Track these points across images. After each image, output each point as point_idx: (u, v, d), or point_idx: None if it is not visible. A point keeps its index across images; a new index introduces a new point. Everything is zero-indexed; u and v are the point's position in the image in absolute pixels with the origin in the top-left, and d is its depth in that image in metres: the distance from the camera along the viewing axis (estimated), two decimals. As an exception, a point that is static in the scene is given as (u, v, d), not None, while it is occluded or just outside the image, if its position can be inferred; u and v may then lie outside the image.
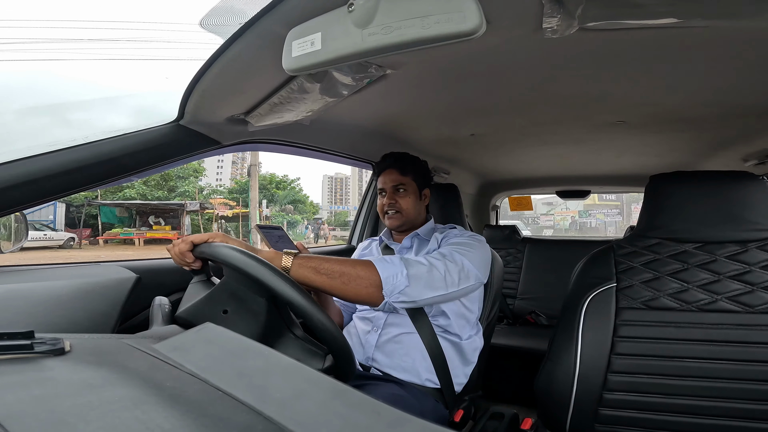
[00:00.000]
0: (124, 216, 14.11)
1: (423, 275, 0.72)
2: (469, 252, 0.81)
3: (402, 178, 0.94)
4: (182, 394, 0.24)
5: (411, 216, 0.94)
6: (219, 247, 0.57)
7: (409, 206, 0.93)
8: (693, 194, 0.75)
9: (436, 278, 0.73)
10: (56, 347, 0.28)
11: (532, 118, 1.08)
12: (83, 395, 0.22)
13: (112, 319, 0.58)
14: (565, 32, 0.50)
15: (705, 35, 0.57)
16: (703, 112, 0.99)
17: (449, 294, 0.75)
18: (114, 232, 13.22)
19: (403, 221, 0.94)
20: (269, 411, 0.23)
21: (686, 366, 0.68)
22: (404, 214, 0.93)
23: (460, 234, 0.89)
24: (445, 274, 0.74)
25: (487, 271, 0.85)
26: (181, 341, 0.34)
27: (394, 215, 0.93)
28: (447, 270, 0.75)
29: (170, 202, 14.98)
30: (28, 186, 0.63)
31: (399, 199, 0.93)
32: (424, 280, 0.72)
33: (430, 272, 0.73)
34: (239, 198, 19.33)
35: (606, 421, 0.71)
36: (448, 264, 0.76)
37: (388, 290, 0.69)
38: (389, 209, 0.93)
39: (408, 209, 0.93)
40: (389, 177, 0.94)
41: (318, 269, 0.66)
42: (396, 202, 0.93)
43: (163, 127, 0.79)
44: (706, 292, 0.71)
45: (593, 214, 28.79)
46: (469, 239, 0.86)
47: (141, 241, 12.81)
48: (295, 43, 0.52)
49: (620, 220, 27.29)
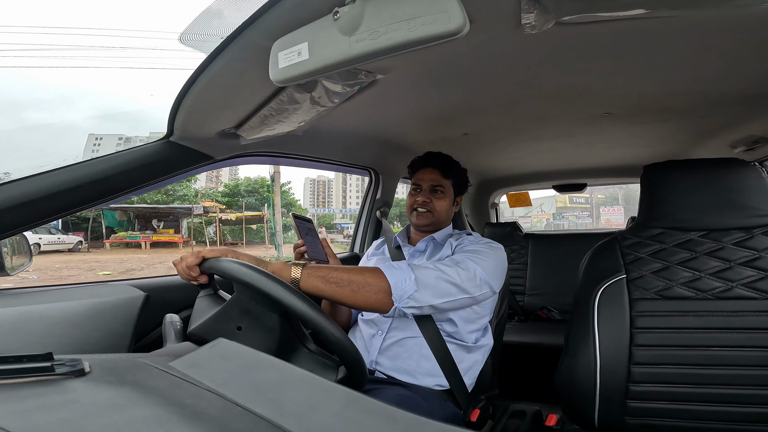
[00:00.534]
0: (123, 220, 14.21)
1: (431, 281, 0.72)
2: (482, 260, 0.80)
3: (443, 179, 0.94)
4: (203, 411, 0.24)
5: (441, 219, 0.94)
6: (227, 262, 0.57)
7: (443, 209, 0.93)
8: (690, 183, 0.76)
9: (444, 284, 0.73)
10: (76, 368, 0.28)
11: (522, 114, 1.09)
12: (108, 416, 0.23)
13: (126, 338, 0.59)
14: (542, 27, 0.51)
15: (677, 25, 0.58)
16: (685, 101, 1.00)
17: (459, 300, 0.75)
18: (120, 235, 13.39)
19: (431, 221, 0.94)
20: (288, 425, 0.23)
21: (710, 354, 0.68)
22: (435, 215, 0.93)
23: (476, 241, 0.88)
24: (455, 281, 0.74)
25: (501, 280, 0.84)
26: (196, 358, 0.34)
27: (424, 213, 0.93)
28: (458, 277, 0.75)
29: (180, 206, 15.32)
30: (27, 207, 0.63)
31: (435, 200, 0.93)
32: (432, 285, 0.72)
33: (438, 278, 0.73)
34: (231, 202, 19.35)
35: (636, 413, 0.70)
36: (460, 271, 0.75)
37: (398, 296, 0.69)
38: (421, 207, 0.93)
39: (441, 211, 0.93)
40: (429, 175, 0.94)
41: (327, 278, 0.66)
42: (431, 201, 0.93)
43: (154, 145, 0.79)
44: (720, 279, 0.71)
45: (566, 216, 30.39)
46: (485, 247, 0.85)
47: (147, 244, 12.96)
48: (282, 54, 0.52)
49: (590, 222, 29.35)
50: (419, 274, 0.72)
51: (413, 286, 0.70)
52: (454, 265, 0.76)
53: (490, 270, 0.79)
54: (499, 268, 0.83)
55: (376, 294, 0.68)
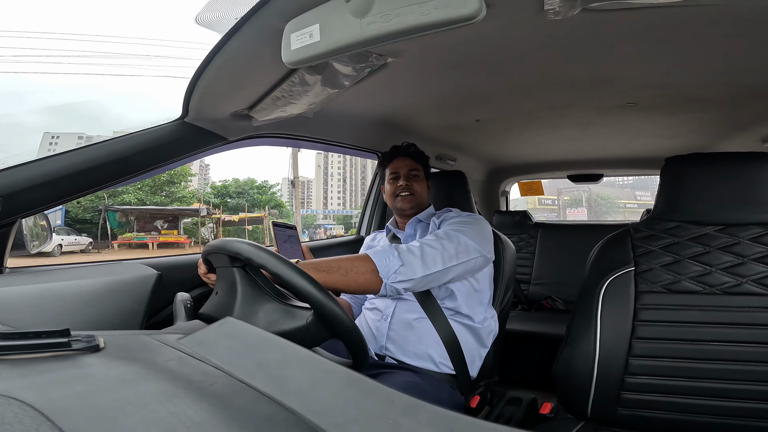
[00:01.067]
0: (123, 221, 14.64)
1: (416, 253, 0.76)
2: (466, 228, 0.84)
3: (416, 164, 1.02)
4: (209, 387, 0.26)
5: (423, 199, 1.01)
6: (216, 243, 0.58)
7: (421, 189, 1.01)
8: (712, 176, 0.73)
9: (429, 254, 0.77)
10: (91, 344, 0.30)
11: (539, 102, 1.05)
12: (120, 390, 0.24)
13: (139, 315, 0.61)
14: (567, 13, 0.48)
15: (714, 13, 0.55)
16: (716, 93, 0.95)
17: (449, 269, 0.78)
18: (128, 236, 13.79)
19: (415, 203, 1.00)
20: (288, 401, 0.24)
21: (712, 349, 0.68)
22: (417, 196, 1.00)
23: (457, 215, 0.92)
24: (440, 251, 0.78)
25: (489, 246, 0.87)
26: (204, 336, 0.35)
27: (407, 197, 0.99)
28: (442, 247, 0.78)
29: (188, 207, 15.83)
30: (48, 187, 0.65)
31: (413, 183, 1.00)
32: (418, 257, 0.76)
33: (422, 250, 0.77)
34: (221, 203, 19.62)
35: (629, 404, 0.71)
36: (443, 242, 0.80)
37: (384, 273, 0.73)
38: (404, 191, 0.99)
39: (421, 192, 1.00)
40: (403, 163, 1.01)
41: (318, 267, 0.70)
42: (411, 184, 1.00)
43: (170, 125, 0.81)
44: (730, 275, 0.70)
45: (535, 217, 31.12)
46: (467, 218, 0.89)
47: (154, 245, 13.35)
48: (294, 36, 0.51)
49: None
50: (402, 249, 0.76)
51: (397, 261, 0.74)
52: (436, 238, 0.80)
53: (475, 237, 0.83)
54: (485, 235, 0.87)
55: (364, 275, 0.72)
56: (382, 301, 0.93)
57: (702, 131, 1.34)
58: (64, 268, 0.72)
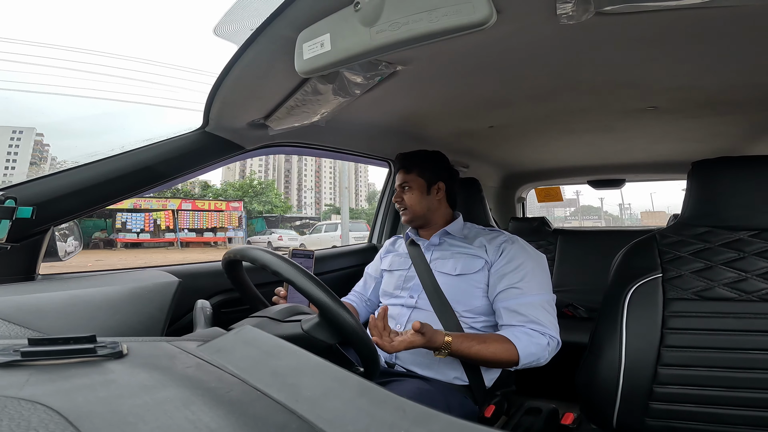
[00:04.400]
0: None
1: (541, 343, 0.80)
2: (542, 277, 0.86)
3: (406, 176, 0.97)
4: (226, 394, 0.26)
5: (417, 211, 0.95)
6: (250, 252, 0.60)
7: (413, 202, 0.95)
8: (744, 180, 0.71)
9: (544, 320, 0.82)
10: (115, 351, 0.31)
11: (556, 107, 1.03)
12: (140, 396, 0.25)
13: (160, 322, 0.63)
14: (581, 18, 0.47)
15: (734, 13, 0.53)
16: (742, 95, 0.91)
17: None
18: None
19: (411, 217, 0.96)
20: (301, 410, 0.24)
21: (749, 358, 0.65)
22: (410, 210, 0.96)
23: (520, 252, 0.88)
24: (549, 313, 0.83)
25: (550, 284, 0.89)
26: (222, 344, 0.36)
27: (403, 212, 0.97)
28: (545, 311, 0.83)
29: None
30: (78, 196, 0.69)
31: (404, 196, 0.96)
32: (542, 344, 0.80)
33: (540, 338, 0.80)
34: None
35: (658, 415, 0.68)
36: (545, 306, 0.83)
37: (524, 362, 0.78)
38: (399, 206, 0.98)
39: (412, 205, 0.95)
40: (399, 177, 0.99)
41: (469, 354, 0.76)
42: (402, 199, 0.96)
43: (191, 134, 0.84)
44: (767, 281, 0.67)
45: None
46: (536, 263, 0.87)
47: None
48: (306, 46, 0.53)
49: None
50: (538, 340, 0.79)
51: (532, 347, 0.78)
52: (540, 307, 0.82)
53: (548, 288, 0.86)
54: (548, 279, 0.89)
55: (507, 364, 0.78)
56: (397, 309, 0.92)
57: (729, 134, 1.28)
58: (92, 275, 0.75)
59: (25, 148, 34.37)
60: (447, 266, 0.90)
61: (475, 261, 0.88)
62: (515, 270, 0.85)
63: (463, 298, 0.86)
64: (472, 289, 0.87)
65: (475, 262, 0.88)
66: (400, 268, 0.98)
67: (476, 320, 0.86)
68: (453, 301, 0.86)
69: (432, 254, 0.94)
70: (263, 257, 0.57)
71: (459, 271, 0.88)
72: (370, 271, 1.09)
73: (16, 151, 33.67)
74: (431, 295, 0.88)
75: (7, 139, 33.77)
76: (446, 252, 0.93)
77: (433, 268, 0.91)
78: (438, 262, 0.92)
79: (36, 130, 37.01)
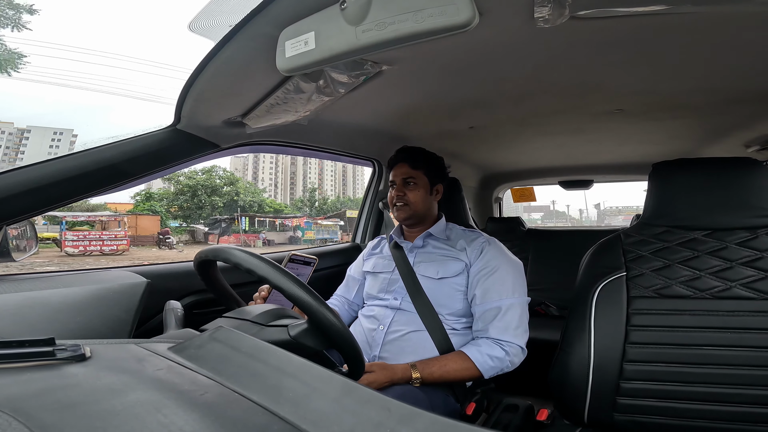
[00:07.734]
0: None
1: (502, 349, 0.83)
2: (516, 280, 0.88)
3: (412, 171, 0.95)
4: (200, 397, 0.25)
5: (419, 209, 0.95)
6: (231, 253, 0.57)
7: (417, 200, 0.94)
8: (698, 181, 0.75)
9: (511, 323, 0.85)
10: (77, 353, 0.29)
11: (530, 109, 1.07)
12: (108, 400, 0.23)
13: (127, 324, 0.60)
14: (556, 21, 0.49)
15: (697, 20, 0.57)
16: (701, 99, 0.98)
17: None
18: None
19: (410, 214, 0.95)
20: (283, 411, 0.23)
21: (704, 354, 0.68)
22: (411, 207, 0.94)
23: (497, 255, 0.90)
24: (519, 314, 0.85)
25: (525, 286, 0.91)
26: (195, 345, 0.34)
27: (401, 207, 0.95)
28: (516, 314, 0.85)
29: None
30: (34, 194, 0.64)
31: (408, 192, 0.94)
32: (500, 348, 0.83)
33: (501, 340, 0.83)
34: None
35: (625, 410, 0.71)
36: (515, 309, 0.85)
37: (485, 371, 0.82)
38: (398, 201, 0.95)
39: (416, 202, 0.94)
40: (400, 170, 0.96)
41: (435, 377, 0.79)
42: (404, 194, 0.94)
43: (161, 132, 0.80)
44: (719, 279, 0.71)
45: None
46: (509, 267, 0.89)
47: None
48: (288, 43, 0.52)
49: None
50: (494, 352, 0.82)
51: (490, 361, 0.81)
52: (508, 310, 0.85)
53: (521, 292, 0.88)
54: (524, 283, 0.91)
55: (473, 378, 0.83)
56: (380, 310, 0.92)
57: (687, 137, 1.38)
58: (49, 276, 0.70)
59: (63, 149, 39.83)
60: (430, 270, 0.91)
61: (456, 264, 0.90)
62: (489, 274, 0.87)
63: (445, 301, 0.88)
64: (453, 292, 0.88)
65: (456, 265, 0.90)
66: (383, 270, 0.98)
67: (458, 322, 0.88)
68: (436, 304, 0.88)
69: (415, 257, 0.95)
70: (239, 256, 0.54)
71: (441, 275, 0.90)
72: (352, 272, 1.08)
73: (56, 151, 37.07)
74: (414, 297, 0.89)
75: (48, 139, 38.79)
76: (429, 255, 0.94)
77: (416, 271, 0.92)
78: (421, 266, 0.93)
79: (73, 131, 42.12)
